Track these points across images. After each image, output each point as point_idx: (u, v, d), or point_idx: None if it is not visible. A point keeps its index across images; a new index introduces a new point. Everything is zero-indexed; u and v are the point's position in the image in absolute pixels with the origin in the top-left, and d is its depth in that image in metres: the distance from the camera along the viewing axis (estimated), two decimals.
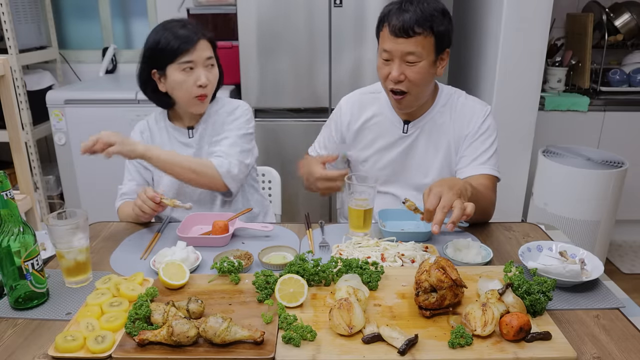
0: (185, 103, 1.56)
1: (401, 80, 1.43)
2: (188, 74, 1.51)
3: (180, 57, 1.49)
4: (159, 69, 1.53)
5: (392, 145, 1.60)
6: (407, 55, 1.39)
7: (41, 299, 1.10)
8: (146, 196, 1.39)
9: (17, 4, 2.92)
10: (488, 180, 1.51)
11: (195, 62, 1.50)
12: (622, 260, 3.04)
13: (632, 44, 3.18)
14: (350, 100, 1.68)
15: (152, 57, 1.52)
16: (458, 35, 3.05)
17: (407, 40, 1.38)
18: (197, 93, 1.53)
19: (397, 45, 1.39)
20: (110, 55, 3.32)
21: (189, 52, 1.49)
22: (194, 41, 1.49)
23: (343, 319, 0.95)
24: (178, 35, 1.48)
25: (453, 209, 1.17)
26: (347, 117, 1.65)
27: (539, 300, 1.01)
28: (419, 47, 1.38)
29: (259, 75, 2.51)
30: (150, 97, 1.62)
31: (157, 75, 1.55)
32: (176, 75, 1.51)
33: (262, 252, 1.29)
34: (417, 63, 1.40)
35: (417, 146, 1.58)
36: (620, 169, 2.52)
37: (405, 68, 1.42)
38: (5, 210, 1.03)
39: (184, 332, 0.92)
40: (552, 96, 2.95)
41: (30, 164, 2.92)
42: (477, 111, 1.55)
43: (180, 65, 1.49)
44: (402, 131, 1.58)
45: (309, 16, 2.42)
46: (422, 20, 1.36)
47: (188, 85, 1.51)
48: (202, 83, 1.51)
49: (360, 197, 1.38)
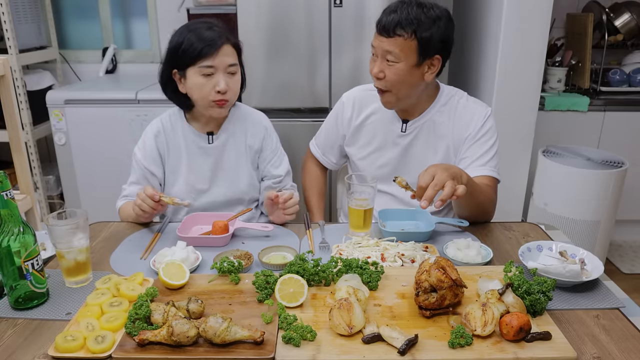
0: (203, 107, 1.52)
1: (380, 77, 1.46)
2: (208, 79, 1.47)
3: (202, 61, 1.45)
4: (179, 69, 1.50)
5: (391, 144, 1.60)
6: (387, 53, 1.43)
7: (41, 299, 1.10)
8: (145, 194, 1.39)
9: (17, 4, 2.92)
10: (488, 180, 1.51)
11: (216, 68, 1.46)
12: (622, 260, 3.04)
13: (632, 44, 3.18)
14: (352, 95, 1.69)
15: (174, 58, 1.49)
16: (458, 35, 3.05)
17: (387, 40, 1.41)
18: (215, 98, 1.48)
19: (380, 43, 1.43)
20: (110, 55, 3.32)
21: (211, 56, 1.45)
22: (217, 46, 1.44)
23: (343, 319, 0.95)
24: (202, 38, 1.44)
25: (444, 187, 1.20)
26: (349, 112, 1.66)
27: (539, 300, 1.01)
28: (397, 48, 1.40)
29: (259, 75, 2.50)
30: (170, 97, 1.58)
31: (178, 76, 1.51)
32: (196, 78, 1.47)
33: (262, 252, 1.29)
34: (396, 64, 1.43)
35: (416, 145, 1.59)
36: (620, 169, 2.52)
37: (386, 66, 1.44)
38: (5, 210, 1.03)
39: (184, 332, 0.92)
40: (552, 96, 2.95)
41: (30, 164, 2.92)
42: (477, 113, 1.55)
43: (200, 69, 1.45)
44: (401, 130, 1.58)
45: (309, 16, 2.41)
46: (405, 23, 1.38)
47: (207, 89, 1.47)
48: (221, 89, 1.47)
49: (360, 197, 1.38)
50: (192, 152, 1.60)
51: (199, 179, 1.61)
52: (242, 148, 1.63)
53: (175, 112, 1.63)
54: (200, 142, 1.60)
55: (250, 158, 1.64)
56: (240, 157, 1.63)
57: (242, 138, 1.63)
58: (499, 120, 2.48)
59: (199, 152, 1.60)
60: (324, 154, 1.79)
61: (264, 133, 1.66)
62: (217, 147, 1.60)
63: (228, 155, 1.62)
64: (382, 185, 1.63)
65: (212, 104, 1.50)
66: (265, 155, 1.66)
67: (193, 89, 1.50)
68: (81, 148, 2.77)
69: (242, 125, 1.64)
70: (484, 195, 1.45)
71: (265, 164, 1.67)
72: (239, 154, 1.63)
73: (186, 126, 1.60)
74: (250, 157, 1.64)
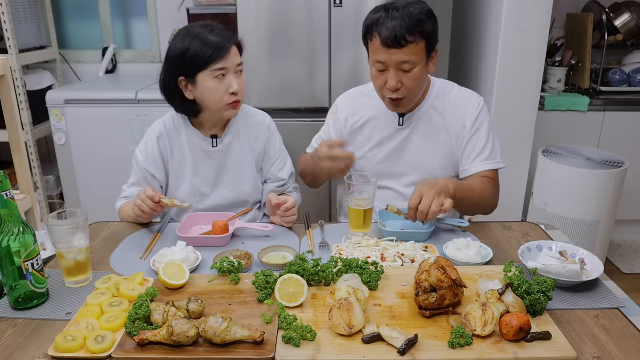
0: (217, 110, 1.51)
1: (399, 88, 1.44)
2: (220, 81, 1.46)
3: (213, 65, 1.44)
4: (187, 76, 1.48)
5: (389, 139, 1.61)
6: (402, 64, 1.40)
7: (41, 299, 1.10)
8: (145, 195, 1.39)
9: (17, 4, 2.92)
10: (490, 174, 1.56)
11: (228, 69, 1.46)
12: (622, 260, 3.04)
13: (632, 44, 3.18)
14: (347, 98, 1.69)
15: (180, 65, 1.46)
16: (458, 35, 3.05)
17: (400, 50, 1.38)
18: (230, 100, 1.48)
19: (390, 56, 1.40)
20: (110, 55, 3.32)
21: (223, 59, 1.44)
22: (227, 48, 1.44)
23: (343, 319, 0.95)
24: (209, 43, 1.43)
25: (431, 207, 1.31)
26: (345, 114, 1.66)
27: (539, 300, 1.01)
28: (412, 55, 1.39)
29: (259, 75, 2.50)
30: (176, 105, 1.56)
31: (184, 83, 1.49)
32: (208, 82, 1.45)
33: (262, 252, 1.29)
34: (413, 70, 1.42)
35: (414, 137, 1.59)
36: (620, 169, 2.52)
37: (402, 76, 1.43)
38: (5, 210, 1.03)
39: (184, 332, 0.92)
40: (552, 96, 2.95)
41: (30, 164, 2.92)
42: (472, 101, 1.58)
43: (213, 72, 1.44)
44: (398, 124, 1.59)
45: (309, 16, 2.41)
46: (412, 28, 1.37)
47: (221, 92, 1.47)
48: (235, 90, 1.47)
49: (360, 197, 1.38)
50: (196, 156, 1.59)
51: (204, 183, 1.60)
52: (246, 151, 1.62)
53: (177, 114, 1.61)
54: (204, 146, 1.59)
55: (254, 161, 1.64)
56: (244, 160, 1.63)
57: (246, 141, 1.62)
58: (499, 120, 2.50)
59: (203, 155, 1.59)
60: None
61: (268, 135, 1.65)
62: (221, 150, 1.60)
63: (232, 158, 1.61)
64: (382, 180, 1.62)
65: (228, 106, 1.50)
66: (269, 158, 1.66)
67: (205, 94, 1.48)
68: (81, 148, 2.77)
69: (245, 127, 1.63)
70: (478, 195, 1.50)
71: (269, 167, 1.66)
72: (243, 157, 1.62)
73: (190, 129, 1.59)
74: (254, 160, 1.64)
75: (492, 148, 1.57)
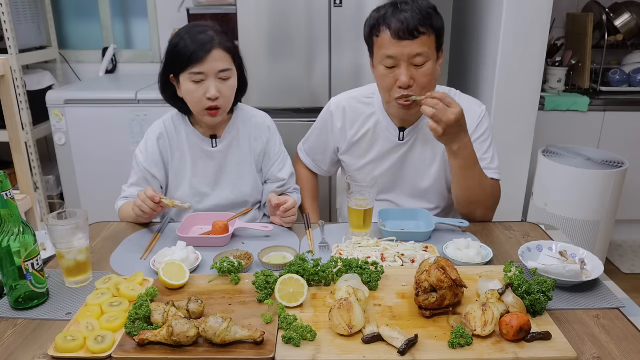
0: (197, 113, 1.51)
1: (411, 85, 1.38)
2: (198, 85, 1.44)
3: (191, 67, 1.42)
4: (175, 74, 1.48)
5: (388, 153, 1.58)
6: (415, 57, 1.35)
7: (41, 299, 1.10)
8: (145, 195, 1.39)
9: (17, 4, 2.92)
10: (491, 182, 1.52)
11: (206, 74, 1.43)
12: (622, 260, 3.04)
13: (632, 44, 3.18)
14: (341, 105, 1.62)
15: (170, 62, 1.47)
16: (458, 35, 3.05)
17: (412, 42, 1.34)
18: (206, 105, 1.45)
19: (402, 49, 1.34)
20: (110, 55, 3.32)
21: (201, 62, 1.41)
22: (206, 51, 1.41)
23: (343, 319, 0.95)
24: (194, 41, 1.41)
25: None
26: (339, 123, 1.61)
27: (539, 300, 1.01)
28: (425, 47, 1.35)
29: (259, 75, 2.50)
30: (170, 102, 1.57)
31: (175, 81, 1.50)
32: (187, 84, 1.45)
33: (262, 252, 1.29)
34: (425, 64, 1.37)
35: (413, 153, 1.57)
36: (620, 169, 2.52)
37: (414, 71, 1.37)
38: (5, 210, 1.03)
39: (184, 332, 0.92)
40: (552, 96, 2.95)
41: (30, 164, 2.92)
42: (472, 112, 1.51)
43: (190, 75, 1.43)
44: (398, 139, 1.56)
45: (308, 16, 2.41)
46: (423, 19, 1.33)
47: (198, 96, 1.44)
48: (211, 96, 1.43)
49: (360, 197, 1.38)
50: (196, 156, 1.59)
51: (203, 183, 1.60)
52: (245, 151, 1.62)
53: (177, 114, 1.61)
54: (204, 146, 1.58)
55: (254, 161, 1.64)
56: (244, 160, 1.62)
57: (246, 141, 1.62)
58: (499, 120, 2.50)
59: (203, 155, 1.59)
60: (315, 162, 1.76)
61: (268, 135, 1.65)
62: (221, 150, 1.59)
63: (232, 158, 1.61)
64: (381, 194, 1.61)
65: (204, 111, 1.48)
66: (269, 158, 1.65)
67: (185, 96, 1.48)
68: (81, 148, 2.77)
69: (245, 128, 1.63)
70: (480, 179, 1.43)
71: (268, 167, 1.66)
72: (243, 157, 1.62)
73: (190, 129, 1.59)
74: (254, 160, 1.64)
75: (491, 158, 1.52)
